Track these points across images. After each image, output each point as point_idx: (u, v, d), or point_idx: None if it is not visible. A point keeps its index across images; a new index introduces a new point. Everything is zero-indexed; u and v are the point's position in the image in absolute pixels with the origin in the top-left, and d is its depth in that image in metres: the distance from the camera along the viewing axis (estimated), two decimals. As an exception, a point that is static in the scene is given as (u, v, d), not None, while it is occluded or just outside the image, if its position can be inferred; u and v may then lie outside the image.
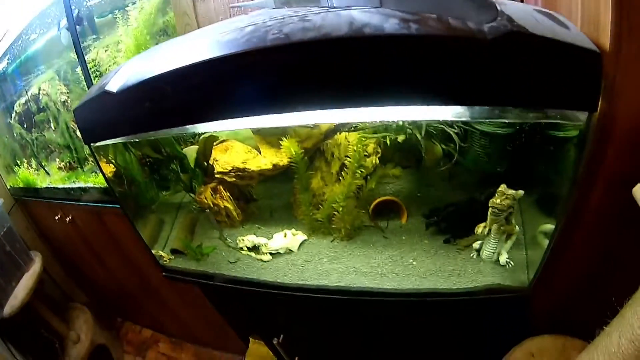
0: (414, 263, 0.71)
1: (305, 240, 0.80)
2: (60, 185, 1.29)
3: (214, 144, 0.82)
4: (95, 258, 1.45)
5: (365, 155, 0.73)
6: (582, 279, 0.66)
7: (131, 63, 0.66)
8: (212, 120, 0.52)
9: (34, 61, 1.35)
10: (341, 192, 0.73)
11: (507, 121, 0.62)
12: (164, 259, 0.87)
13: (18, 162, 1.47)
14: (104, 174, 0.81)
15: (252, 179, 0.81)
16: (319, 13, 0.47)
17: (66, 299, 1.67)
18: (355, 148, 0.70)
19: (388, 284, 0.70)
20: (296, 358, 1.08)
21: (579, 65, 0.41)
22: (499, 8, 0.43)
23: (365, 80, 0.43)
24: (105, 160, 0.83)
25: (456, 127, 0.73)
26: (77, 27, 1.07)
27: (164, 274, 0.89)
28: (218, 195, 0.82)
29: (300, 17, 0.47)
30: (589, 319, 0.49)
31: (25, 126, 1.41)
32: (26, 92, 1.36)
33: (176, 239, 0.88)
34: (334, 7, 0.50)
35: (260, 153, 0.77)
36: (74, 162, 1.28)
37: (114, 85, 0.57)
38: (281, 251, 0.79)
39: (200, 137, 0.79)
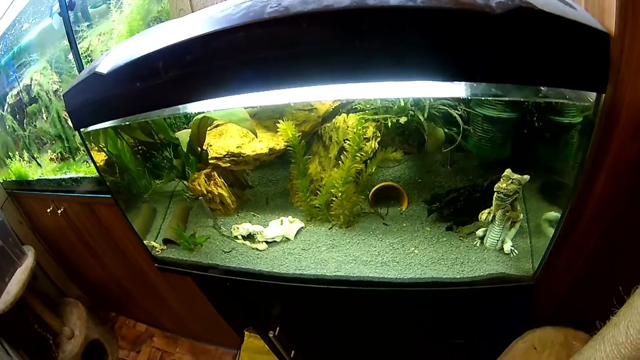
0: (416, 251, 0.69)
1: (302, 227, 0.78)
2: (52, 177, 1.26)
3: (208, 128, 0.80)
4: (88, 251, 1.43)
5: (364, 139, 0.71)
6: (587, 268, 0.63)
7: (121, 46, 0.64)
8: (207, 98, 0.49)
9: (27, 51, 1.34)
10: (340, 176, 0.71)
11: (515, 99, 0.60)
12: (156, 249, 0.85)
13: (10, 154, 1.46)
14: (94, 162, 0.78)
15: (248, 164, 0.78)
16: None
17: (60, 293, 1.65)
18: (354, 130, 0.68)
19: (389, 273, 0.67)
20: (293, 351, 1.06)
21: (588, 45, 0.39)
22: None
23: (369, 54, 0.41)
24: (96, 147, 0.81)
25: (460, 110, 0.71)
26: (70, 12, 1.05)
27: (156, 265, 0.86)
28: (212, 181, 0.79)
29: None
30: (591, 311, 0.48)
31: (17, 118, 1.40)
32: (18, 83, 1.34)
33: (168, 228, 0.85)
34: None
35: (256, 135, 0.74)
36: (65, 152, 1.26)
37: (104, 67, 0.55)
38: (277, 239, 0.77)
39: (194, 120, 0.76)
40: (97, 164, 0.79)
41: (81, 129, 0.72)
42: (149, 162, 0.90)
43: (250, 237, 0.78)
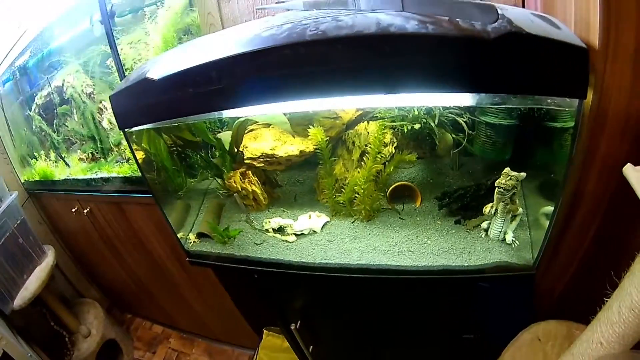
0: (428, 242, 0.81)
1: (328, 221, 0.91)
2: (81, 177, 1.39)
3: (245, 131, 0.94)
4: (110, 251, 1.55)
5: (383, 143, 0.85)
6: (583, 259, 0.74)
7: (168, 55, 0.76)
8: (254, 105, 0.62)
9: (56, 55, 1.48)
10: (362, 176, 0.85)
11: (509, 106, 0.74)
12: (190, 241, 0.98)
13: (36, 154, 1.59)
14: (137, 161, 0.92)
15: (280, 165, 0.93)
16: (349, 15, 0.60)
17: (77, 294, 1.75)
18: (375, 135, 0.83)
19: (405, 261, 0.79)
20: (311, 346, 1.17)
21: (568, 59, 0.52)
22: (499, 12, 0.55)
23: (390, 71, 0.55)
24: (136, 146, 0.95)
25: (465, 117, 0.86)
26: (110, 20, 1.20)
27: (188, 259, 0.98)
28: (247, 179, 0.93)
29: (333, 17, 0.59)
30: (592, 304, 0.54)
31: (46, 118, 1.53)
32: (49, 84, 1.48)
33: (203, 222, 0.99)
34: (361, 10, 0.63)
35: (294, 136, 0.88)
36: (97, 152, 1.39)
37: (155, 73, 0.67)
38: (305, 232, 0.90)
39: (235, 123, 0.91)
40: (139, 162, 0.92)
41: (126, 129, 0.84)
42: (184, 161, 1.04)
43: (280, 230, 0.91)
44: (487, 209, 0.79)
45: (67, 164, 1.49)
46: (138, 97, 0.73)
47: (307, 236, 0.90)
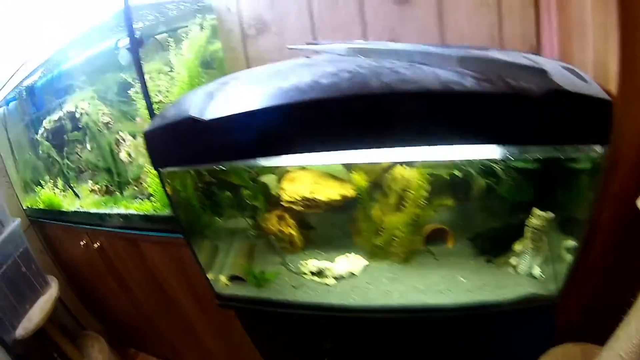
0: (463, 281, 0.85)
1: (366, 264, 0.93)
2: (94, 210, 1.32)
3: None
4: (118, 285, 1.49)
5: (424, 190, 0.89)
6: (600, 284, 0.80)
7: (208, 92, 0.72)
8: (312, 152, 0.62)
9: (68, 78, 1.44)
10: (403, 220, 0.88)
11: (546, 155, 0.80)
12: (222, 285, 0.96)
13: (41, 181, 1.52)
14: (171, 201, 0.91)
15: (319, 208, 0.94)
16: (407, 68, 0.61)
17: (79, 325, 1.67)
18: (417, 181, 0.86)
19: (444, 299, 0.83)
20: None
21: (596, 111, 0.57)
22: (536, 66, 0.59)
23: (452, 125, 0.58)
24: (169, 185, 0.93)
25: (496, 162, 0.92)
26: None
27: (217, 302, 0.96)
28: (283, 222, 0.94)
29: (390, 69, 0.61)
30: (610, 327, 0.57)
31: (54, 144, 1.48)
32: (60, 109, 1.43)
33: (234, 265, 0.98)
34: (416, 62, 0.64)
35: (344, 182, 0.90)
36: (111, 185, 1.34)
37: (202, 112, 0.64)
38: (344, 275, 0.92)
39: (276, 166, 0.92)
40: (172, 202, 0.90)
41: (162, 169, 0.82)
42: (212, 200, 1.04)
43: (319, 273, 0.92)
44: (516, 246, 0.85)
45: (77, 195, 1.44)
46: (181, 136, 0.71)
47: (347, 279, 0.92)
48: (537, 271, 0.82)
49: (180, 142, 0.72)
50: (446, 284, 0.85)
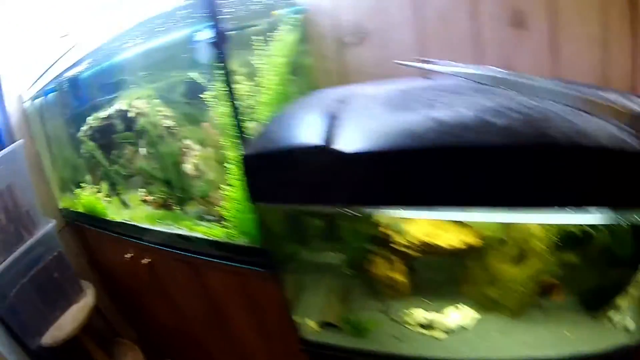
0: (568, 334, 0.83)
1: (478, 317, 0.87)
2: (147, 226, 1.14)
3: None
4: (165, 301, 1.38)
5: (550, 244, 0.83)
6: None
7: (335, 113, 0.59)
8: (481, 208, 0.54)
9: (120, 72, 1.28)
10: (526, 273, 0.82)
11: None
12: (312, 332, 0.87)
13: (81, 182, 1.39)
14: (266, 239, 0.79)
15: (435, 254, 0.86)
16: (572, 114, 0.53)
17: (113, 332, 1.58)
18: (547, 236, 0.79)
19: (551, 353, 0.80)
20: None
21: None
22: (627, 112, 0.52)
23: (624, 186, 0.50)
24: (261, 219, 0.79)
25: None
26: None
27: (302, 347, 0.86)
28: (392, 266, 0.86)
29: (556, 113, 0.53)
30: None
31: (100, 144, 1.34)
32: (109, 106, 1.28)
33: (328, 308, 0.89)
34: (574, 107, 0.55)
35: (464, 227, 0.82)
36: (170, 199, 1.19)
37: (333, 140, 0.52)
38: (455, 328, 0.85)
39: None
40: (264, 238, 0.78)
41: (262, 204, 0.69)
42: (309, 236, 0.91)
43: (429, 325, 0.85)
44: (621, 302, 0.82)
45: (125, 204, 1.30)
46: (298, 167, 0.57)
47: (456, 332, 0.85)
48: (631, 323, 0.81)
49: (296, 174, 0.59)
50: (552, 339, 0.82)
